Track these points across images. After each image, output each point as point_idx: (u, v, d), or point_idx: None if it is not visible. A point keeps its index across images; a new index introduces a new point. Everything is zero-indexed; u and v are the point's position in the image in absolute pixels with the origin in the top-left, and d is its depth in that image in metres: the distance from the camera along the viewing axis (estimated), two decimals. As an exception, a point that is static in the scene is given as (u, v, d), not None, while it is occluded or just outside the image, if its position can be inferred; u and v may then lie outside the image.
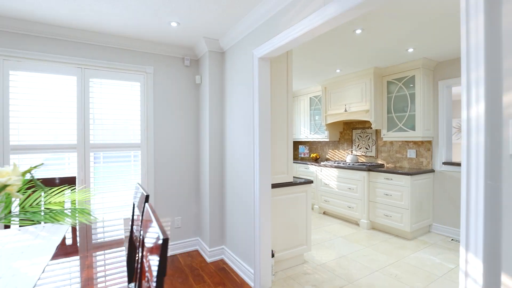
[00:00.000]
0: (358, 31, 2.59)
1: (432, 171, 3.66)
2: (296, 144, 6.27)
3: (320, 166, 4.60)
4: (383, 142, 4.33)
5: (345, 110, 4.33)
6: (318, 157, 5.28)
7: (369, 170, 3.83)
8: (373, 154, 4.48)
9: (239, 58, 2.58)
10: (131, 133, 2.91)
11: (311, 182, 2.77)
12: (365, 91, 4.04)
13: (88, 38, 2.61)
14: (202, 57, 3.04)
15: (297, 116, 5.69)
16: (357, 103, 4.17)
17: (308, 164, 4.91)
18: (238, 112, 2.62)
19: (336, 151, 5.19)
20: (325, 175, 4.53)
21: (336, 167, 4.29)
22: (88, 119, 2.66)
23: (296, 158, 5.92)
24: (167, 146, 3.03)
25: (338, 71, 4.08)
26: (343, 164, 4.27)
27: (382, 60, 3.58)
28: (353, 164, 4.14)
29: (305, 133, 5.48)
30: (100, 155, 2.78)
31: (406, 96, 3.73)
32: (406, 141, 4.02)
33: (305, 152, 5.62)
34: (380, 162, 4.37)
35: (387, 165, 4.24)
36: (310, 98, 5.36)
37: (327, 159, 5.37)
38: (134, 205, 1.67)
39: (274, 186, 2.50)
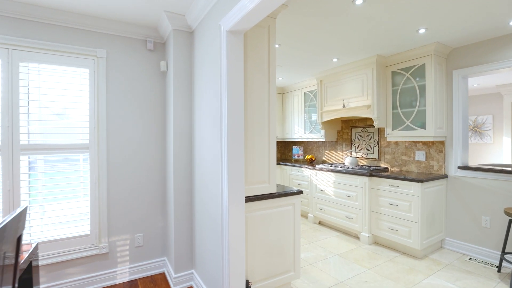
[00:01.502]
0: (359, 2, 2.04)
1: (445, 176, 3.11)
2: (290, 144, 5.72)
3: (315, 169, 4.05)
4: (387, 143, 3.78)
5: (344, 106, 3.78)
6: (313, 159, 4.74)
7: (371, 175, 3.28)
8: (375, 156, 3.94)
9: (207, 35, 2.03)
10: (80, 131, 2.36)
11: (301, 192, 2.22)
12: (366, 83, 3.49)
13: (17, 11, 2.06)
14: (168, 38, 2.49)
15: (290, 113, 5.14)
16: (357, 98, 3.62)
17: (302, 167, 4.36)
18: (207, 106, 2.07)
19: (333, 152, 4.65)
20: (320, 180, 3.98)
21: (333, 171, 3.74)
22: (18, 114, 2.11)
23: (289, 160, 5.37)
24: (124, 148, 2.48)
25: (335, 60, 3.53)
26: (341, 167, 3.72)
27: (386, 46, 3.03)
28: (353, 168, 3.60)
29: (299, 133, 4.93)
30: (37, 159, 2.22)
31: (414, 88, 3.19)
32: (413, 142, 3.47)
33: (299, 153, 5.08)
34: (383, 165, 3.82)
35: (391, 169, 3.69)
36: (304, 93, 4.81)
37: (323, 162, 4.83)
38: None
39: (251, 198, 1.95)
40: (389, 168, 3.72)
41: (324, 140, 4.39)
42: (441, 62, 3.08)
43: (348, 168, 3.64)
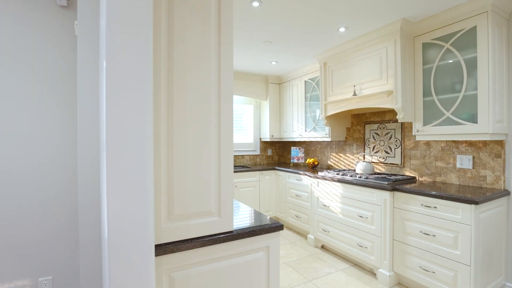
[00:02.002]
0: None
1: (507, 193, 2.12)
2: (289, 145, 4.79)
3: (317, 178, 3.12)
4: (414, 143, 2.81)
5: (355, 94, 2.83)
6: (316, 163, 3.80)
7: (394, 189, 2.33)
8: (397, 161, 2.96)
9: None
10: (-51, 126, 1.55)
11: (281, 227, 1.31)
12: (386, 62, 2.53)
13: None
14: (82, -15, 1.64)
15: (288, 107, 4.22)
16: (373, 82, 2.67)
17: (300, 173, 3.44)
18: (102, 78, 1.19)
19: (341, 155, 3.69)
20: (324, 192, 3.04)
21: (340, 180, 2.80)
22: None
23: (287, 164, 4.44)
24: (9, 149, 1.65)
25: (342, 30, 2.59)
26: (351, 175, 2.78)
27: (415, 5, 2.08)
28: (367, 177, 2.64)
29: (299, 131, 4.00)
30: None
31: (458, 64, 2.21)
32: (453, 142, 2.49)
33: (299, 156, 4.14)
34: (408, 174, 2.85)
35: (420, 179, 2.71)
36: (305, 81, 3.88)
37: (328, 167, 3.88)
38: None
39: (182, 246, 1.06)
40: (417, 178, 2.74)
41: (329, 139, 3.45)
42: (500, 24, 2.09)
43: (360, 177, 2.69)
